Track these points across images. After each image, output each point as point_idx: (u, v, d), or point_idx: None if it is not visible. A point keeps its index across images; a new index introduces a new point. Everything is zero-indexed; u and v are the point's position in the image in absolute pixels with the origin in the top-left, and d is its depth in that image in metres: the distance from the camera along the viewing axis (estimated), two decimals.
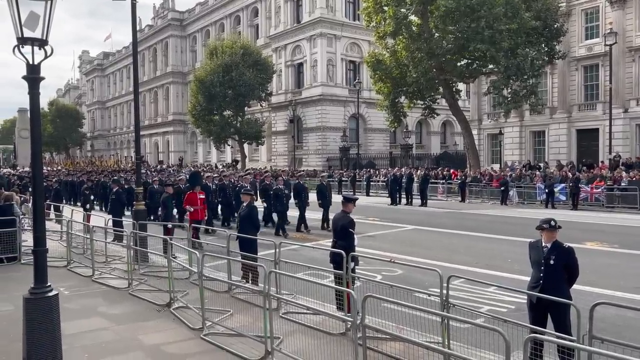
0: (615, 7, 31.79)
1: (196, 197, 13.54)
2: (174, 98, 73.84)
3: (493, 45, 27.42)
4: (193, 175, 16.21)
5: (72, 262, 11.39)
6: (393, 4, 30.72)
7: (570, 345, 4.23)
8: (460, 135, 43.76)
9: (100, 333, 6.99)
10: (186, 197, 13.86)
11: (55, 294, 4.97)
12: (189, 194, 13.80)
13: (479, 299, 8.09)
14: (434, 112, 35.98)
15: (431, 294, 6.21)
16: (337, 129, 48.33)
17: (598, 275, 9.53)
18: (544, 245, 5.52)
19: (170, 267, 8.11)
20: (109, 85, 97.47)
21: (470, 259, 11.73)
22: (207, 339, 6.52)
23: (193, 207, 13.31)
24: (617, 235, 15.14)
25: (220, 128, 47.46)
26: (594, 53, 33.26)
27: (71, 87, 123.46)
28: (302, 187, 17.09)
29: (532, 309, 5.53)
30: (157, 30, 75.91)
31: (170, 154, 73.94)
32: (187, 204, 13.47)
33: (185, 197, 13.93)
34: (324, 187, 17.36)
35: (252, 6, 60.24)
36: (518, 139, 37.61)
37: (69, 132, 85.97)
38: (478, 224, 18.10)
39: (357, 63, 51.15)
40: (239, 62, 45.09)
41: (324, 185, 17.53)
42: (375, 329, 5.21)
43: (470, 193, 28.60)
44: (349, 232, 7.60)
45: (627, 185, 23.23)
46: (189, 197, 13.66)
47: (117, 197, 15.55)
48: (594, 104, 33.75)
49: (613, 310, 6.31)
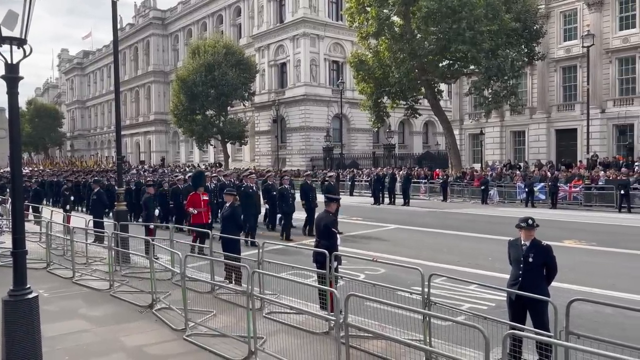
0: (592, 9, 32.41)
1: (199, 198, 12.53)
2: (156, 97, 73.13)
3: (474, 46, 27.76)
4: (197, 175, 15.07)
5: (52, 264, 11.23)
6: (375, 4, 30.89)
7: (548, 341, 4.33)
8: (442, 135, 44.21)
9: (81, 335, 6.92)
10: (189, 198, 12.78)
11: (35, 296, 4.91)
12: (192, 195, 12.74)
13: (460, 297, 8.20)
14: (416, 112, 36.27)
15: (413, 293, 6.28)
16: (320, 129, 48.39)
17: (576, 273, 9.72)
18: (523, 243, 5.62)
19: (152, 268, 8.06)
20: (89, 84, 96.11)
21: (452, 257, 11.87)
22: (190, 340, 6.50)
23: (196, 210, 12.34)
24: (594, 234, 15.45)
25: (202, 128, 47.17)
26: (572, 54, 33.86)
27: (50, 86, 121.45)
28: (310, 187, 16.38)
29: (512, 306, 5.63)
30: (139, 29, 75.11)
31: (152, 154, 73.23)
32: (190, 206, 12.46)
33: (188, 198, 12.88)
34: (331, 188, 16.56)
35: (235, 5, 59.97)
36: (499, 138, 38.11)
37: (48, 132, 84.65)
38: (459, 223, 18.30)
39: (340, 63, 51.28)
40: (221, 62, 44.87)
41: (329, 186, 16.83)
42: (358, 328, 5.25)
43: (452, 192, 28.91)
44: (331, 231, 7.64)
45: (604, 185, 23.70)
46: (192, 198, 12.59)
47: (98, 197, 15.36)
48: (573, 104, 34.35)
49: (590, 306, 6.46)
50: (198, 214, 12.36)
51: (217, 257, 8.91)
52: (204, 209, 12.57)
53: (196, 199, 12.51)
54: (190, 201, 12.59)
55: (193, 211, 12.30)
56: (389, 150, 43.97)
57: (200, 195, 12.63)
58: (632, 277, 9.81)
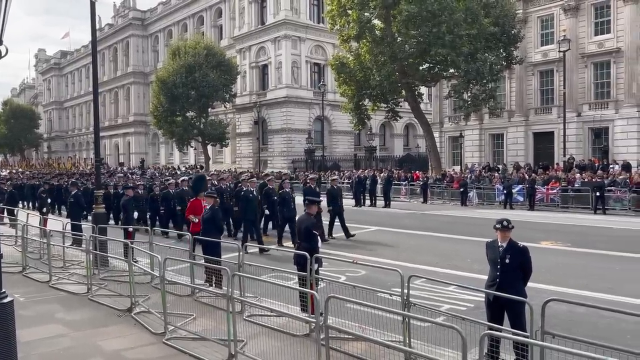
0: (568, 14, 33.07)
1: (201, 204, 11.35)
2: (135, 99, 72.30)
3: (454, 49, 28.11)
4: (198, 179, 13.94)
5: (28, 268, 11.04)
6: (357, 8, 31.08)
7: (524, 341, 4.41)
8: (422, 137, 44.53)
9: (58, 340, 6.82)
10: (189, 204, 11.87)
11: (10, 300, 4.83)
12: (193, 201, 11.81)
13: (439, 298, 8.29)
14: (397, 115, 36.53)
15: (393, 294, 6.33)
16: (302, 131, 48.40)
17: (551, 274, 9.90)
18: (500, 244, 5.71)
19: (131, 271, 7.98)
20: (67, 85, 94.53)
21: (431, 259, 11.98)
22: (170, 344, 6.45)
23: (197, 217, 11.21)
24: (570, 235, 15.76)
25: (183, 129, 46.76)
26: (549, 59, 34.48)
27: (26, 87, 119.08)
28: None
29: (489, 307, 5.72)
30: (118, 30, 74.20)
31: (131, 156, 72.32)
32: (191, 212, 11.50)
33: (188, 204, 11.94)
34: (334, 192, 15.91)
35: (216, 7, 59.66)
36: (478, 141, 38.59)
37: (24, 133, 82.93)
38: (439, 225, 18.49)
39: (321, 65, 51.38)
40: (202, 63, 44.58)
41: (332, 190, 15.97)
42: (338, 330, 5.29)
43: (432, 194, 29.18)
44: (312, 233, 7.67)
45: (580, 187, 24.17)
46: (193, 204, 11.65)
47: (75, 200, 15.12)
48: (550, 108, 34.98)
49: (565, 306, 6.58)
50: (198, 221, 11.23)
51: (197, 260, 8.86)
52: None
53: (197, 205, 11.50)
54: (190, 207, 11.65)
55: (194, 219, 11.28)
56: (370, 152, 44.21)
57: (202, 201, 11.43)
58: (604, 278, 10.04)
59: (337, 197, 15.73)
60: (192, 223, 11.33)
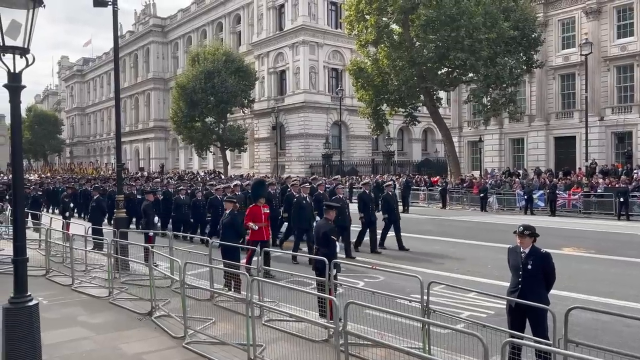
0: (590, 17, 32.60)
1: (260, 211, 10.79)
2: (155, 104, 73.24)
3: (473, 54, 27.91)
4: (257, 184, 13.05)
5: (51, 271, 11.23)
6: (375, 13, 31.08)
7: (546, 349, 4.34)
8: (441, 142, 44.29)
9: (80, 342, 6.92)
10: (248, 211, 11.10)
11: (35, 303, 4.93)
12: (252, 207, 11.01)
13: (459, 305, 8.20)
14: (415, 119, 36.38)
15: (412, 300, 6.29)
16: (319, 135, 48.48)
17: (574, 280, 9.73)
18: (522, 250, 5.63)
19: (151, 275, 8.07)
20: (89, 91, 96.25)
21: (451, 265, 11.88)
22: (189, 348, 6.50)
23: (257, 225, 10.59)
24: (593, 241, 15.46)
25: (202, 135, 47.22)
26: (570, 62, 34.00)
27: (50, 93, 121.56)
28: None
29: (511, 314, 5.64)
30: (139, 37, 75.35)
31: (151, 161, 73.22)
32: (250, 220, 10.71)
33: (247, 211, 11.18)
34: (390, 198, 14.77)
35: (235, 13, 60.23)
36: (497, 146, 38.19)
37: (47, 139, 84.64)
38: (459, 230, 18.31)
39: (339, 70, 51.44)
40: (221, 69, 44.98)
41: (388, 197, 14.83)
42: (357, 336, 5.26)
43: (451, 199, 28.94)
44: (330, 239, 7.67)
45: (603, 192, 23.73)
46: (252, 211, 10.84)
47: (97, 204, 15.38)
48: (571, 112, 34.47)
49: (589, 314, 6.48)
50: (258, 229, 10.66)
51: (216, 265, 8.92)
52: (264, 223, 10.90)
53: (257, 212, 10.79)
54: (250, 214, 10.88)
55: (254, 227, 10.57)
56: (388, 157, 44.05)
57: (261, 207, 10.92)
58: (630, 285, 9.82)
59: (393, 204, 14.54)
60: (251, 231, 10.67)
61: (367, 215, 13.77)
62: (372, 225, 13.88)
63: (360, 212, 13.92)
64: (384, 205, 14.50)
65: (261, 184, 13.11)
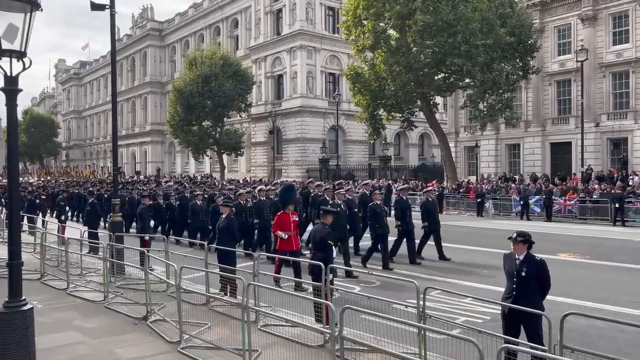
0: (586, 24, 32.80)
1: (289, 219, 10.28)
2: (152, 108, 73.19)
3: (469, 59, 28.04)
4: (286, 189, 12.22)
5: (46, 275, 11.19)
6: (372, 18, 31.21)
7: (542, 355, 4.36)
8: (437, 147, 44.36)
9: (75, 347, 6.89)
10: (276, 219, 10.59)
11: (30, 307, 4.90)
12: (280, 215, 10.47)
13: (455, 310, 8.21)
14: (412, 124, 36.46)
15: (408, 306, 6.30)
16: (316, 140, 48.52)
17: (570, 286, 9.75)
18: (517, 257, 5.64)
19: (147, 280, 8.04)
20: (86, 94, 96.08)
21: (447, 270, 11.88)
22: (185, 353, 6.48)
23: (286, 234, 10.09)
24: (589, 247, 15.50)
25: (199, 139, 47.20)
26: (566, 69, 34.18)
27: (46, 96, 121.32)
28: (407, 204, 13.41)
29: (506, 320, 5.64)
30: (136, 40, 75.37)
31: (147, 165, 73.09)
32: (278, 228, 10.23)
33: (275, 219, 10.71)
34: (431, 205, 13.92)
35: (232, 17, 60.35)
36: (494, 151, 38.30)
37: (43, 142, 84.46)
38: (455, 236, 18.29)
39: (336, 75, 51.56)
40: (218, 73, 45.01)
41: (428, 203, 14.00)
42: (353, 341, 5.26)
43: (448, 204, 28.99)
44: (327, 244, 7.67)
45: (598, 198, 23.81)
46: (280, 219, 10.36)
47: (92, 208, 15.34)
48: (567, 118, 34.62)
49: (584, 320, 6.50)
50: (287, 238, 10.13)
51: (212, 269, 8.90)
52: (293, 232, 10.31)
53: (285, 220, 10.27)
54: (277, 222, 10.38)
55: (283, 235, 10.08)
56: (384, 162, 44.10)
57: (290, 215, 10.39)
58: (625, 291, 9.85)
59: (433, 211, 13.73)
60: (279, 240, 10.21)
61: (404, 223, 12.76)
62: (410, 234, 12.81)
63: (396, 220, 12.95)
64: (424, 212, 13.63)
65: (290, 189, 12.29)
